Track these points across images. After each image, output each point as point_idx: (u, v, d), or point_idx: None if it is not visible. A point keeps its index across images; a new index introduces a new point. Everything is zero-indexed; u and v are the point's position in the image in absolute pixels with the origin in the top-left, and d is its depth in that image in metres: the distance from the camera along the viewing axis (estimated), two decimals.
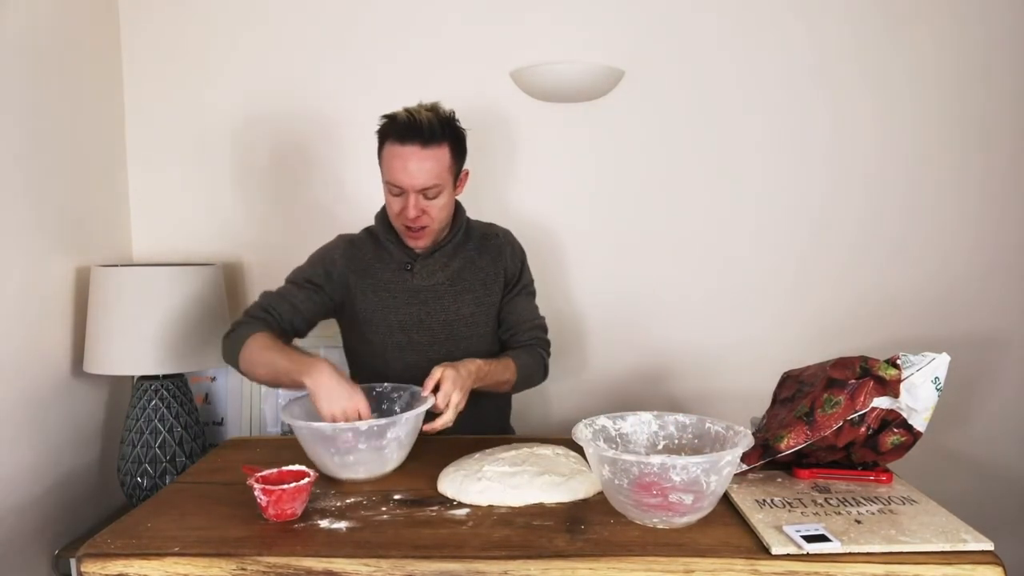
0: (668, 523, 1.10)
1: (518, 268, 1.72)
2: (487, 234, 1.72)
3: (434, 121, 1.51)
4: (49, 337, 1.85)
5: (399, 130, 1.50)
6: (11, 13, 1.72)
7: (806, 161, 2.15)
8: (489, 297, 1.67)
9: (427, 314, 1.63)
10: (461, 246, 1.67)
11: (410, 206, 1.52)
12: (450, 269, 1.65)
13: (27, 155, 1.77)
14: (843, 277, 2.17)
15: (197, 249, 2.23)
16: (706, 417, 1.27)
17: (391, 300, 1.63)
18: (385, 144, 1.54)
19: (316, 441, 1.28)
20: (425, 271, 1.64)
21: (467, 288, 1.65)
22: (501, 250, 1.70)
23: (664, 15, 2.11)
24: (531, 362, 1.65)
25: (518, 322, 1.69)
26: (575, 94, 2.05)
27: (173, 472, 1.89)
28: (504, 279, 1.69)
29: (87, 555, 1.05)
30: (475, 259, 1.67)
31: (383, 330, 1.63)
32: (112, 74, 2.14)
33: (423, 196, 1.52)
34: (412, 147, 1.49)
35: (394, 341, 1.63)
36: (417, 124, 1.49)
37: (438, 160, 1.51)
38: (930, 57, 2.10)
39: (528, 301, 1.74)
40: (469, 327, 1.65)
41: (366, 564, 1.02)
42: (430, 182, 1.51)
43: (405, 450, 1.35)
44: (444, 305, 1.64)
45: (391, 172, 1.52)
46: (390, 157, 1.52)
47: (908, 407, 1.23)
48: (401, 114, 1.52)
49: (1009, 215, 2.14)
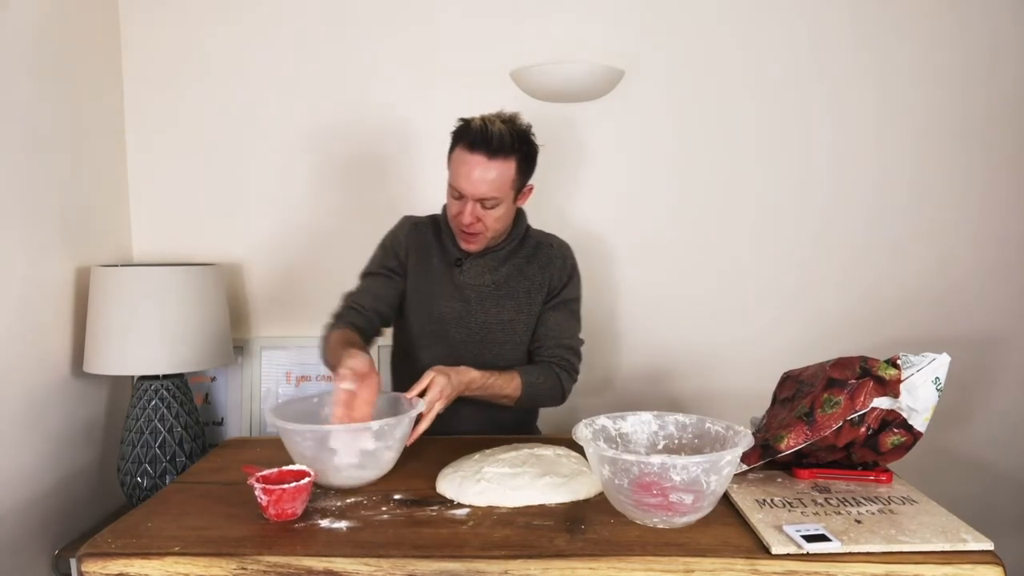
0: (668, 523, 1.10)
1: (563, 281, 1.68)
2: (541, 243, 1.70)
3: (505, 134, 1.50)
4: (49, 337, 1.85)
5: (470, 137, 1.51)
6: (12, 13, 1.72)
7: (807, 161, 2.15)
8: (531, 306, 1.66)
9: (467, 312, 1.64)
10: (513, 253, 1.67)
11: (466, 212, 1.53)
12: (498, 273, 1.65)
13: (27, 155, 1.77)
14: (843, 277, 2.18)
15: (197, 249, 2.23)
16: (706, 417, 1.26)
17: (437, 289, 1.65)
18: (455, 147, 1.55)
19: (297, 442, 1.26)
20: (473, 271, 1.65)
21: (511, 294, 1.65)
22: (551, 260, 1.68)
23: (664, 15, 2.11)
24: (541, 381, 1.61)
25: (545, 335, 1.66)
26: (575, 94, 2.05)
27: (173, 472, 1.89)
28: (547, 289, 1.67)
29: (87, 555, 1.05)
30: (524, 267, 1.67)
31: (422, 316, 1.65)
32: (112, 74, 2.14)
33: (481, 205, 1.53)
34: (478, 156, 1.49)
35: (430, 329, 1.65)
36: (488, 135, 1.49)
37: (502, 173, 1.51)
38: (931, 58, 2.10)
39: (565, 317, 1.68)
40: (506, 332, 1.65)
41: (366, 564, 1.02)
42: (489, 193, 1.52)
43: (395, 453, 1.31)
44: (485, 307, 1.64)
45: (454, 176, 1.54)
46: (457, 162, 1.53)
47: (908, 407, 1.23)
48: (476, 121, 1.52)
49: (1010, 215, 2.14)
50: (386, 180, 2.20)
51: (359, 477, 1.27)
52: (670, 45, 2.12)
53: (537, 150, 1.59)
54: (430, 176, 2.19)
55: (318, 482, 1.24)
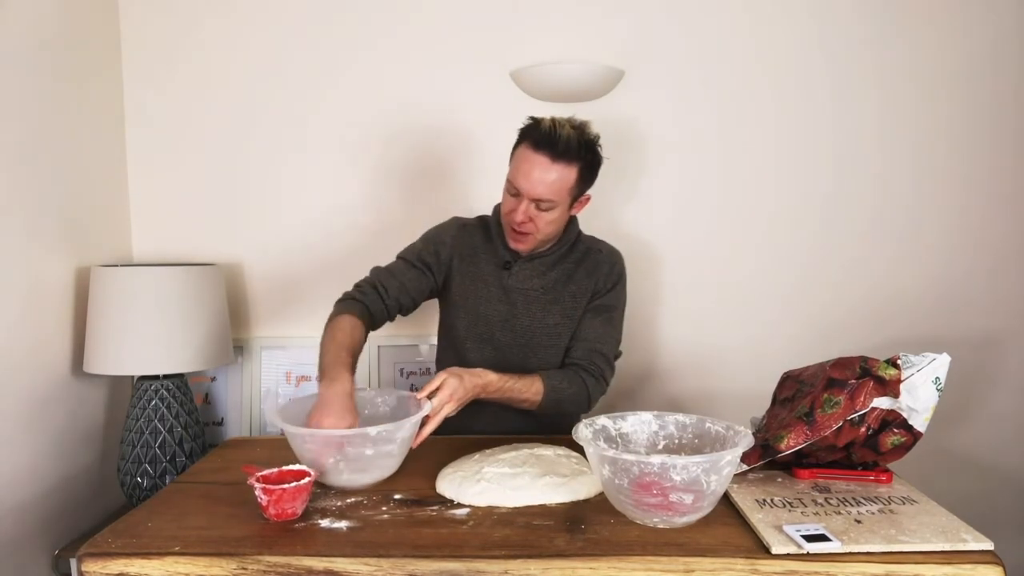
0: (668, 523, 1.10)
1: (607, 287, 1.66)
2: (591, 249, 1.69)
3: (572, 139, 1.50)
4: (49, 337, 1.85)
5: (537, 136, 1.50)
6: (12, 13, 1.72)
7: (807, 161, 2.15)
8: (576, 311, 1.65)
9: (514, 315, 1.64)
10: (563, 259, 1.67)
11: (520, 210, 1.53)
12: (547, 278, 1.65)
13: (27, 155, 1.77)
14: (844, 277, 2.18)
15: (197, 249, 2.23)
16: (706, 417, 1.27)
17: (484, 292, 1.65)
18: (520, 144, 1.54)
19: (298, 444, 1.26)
20: (522, 274, 1.65)
21: (557, 300, 1.64)
22: (598, 265, 1.66)
23: (665, 15, 2.11)
24: (565, 386, 1.57)
25: (579, 338, 1.64)
26: (575, 94, 2.05)
27: (173, 472, 1.89)
28: (591, 294, 1.65)
29: (87, 555, 1.05)
30: (572, 273, 1.66)
31: (470, 319, 1.65)
32: (112, 74, 2.14)
33: (536, 205, 1.52)
34: (542, 156, 1.49)
35: (477, 332, 1.65)
36: (554, 137, 1.49)
37: (562, 177, 1.51)
38: (933, 59, 2.10)
39: (601, 323, 1.65)
40: (550, 337, 1.64)
41: (366, 564, 1.02)
42: (546, 195, 1.51)
43: (396, 459, 1.30)
44: (532, 311, 1.64)
45: (515, 173, 1.53)
46: (519, 159, 1.53)
47: (908, 407, 1.23)
48: (546, 122, 1.52)
49: (1010, 215, 2.14)
50: (386, 180, 2.20)
51: (361, 480, 1.27)
52: (670, 45, 2.12)
53: (601, 161, 1.58)
54: (430, 176, 2.20)
55: (320, 483, 1.24)
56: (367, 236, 2.19)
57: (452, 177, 2.19)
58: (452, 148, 2.18)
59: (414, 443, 1.34)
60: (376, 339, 2.19)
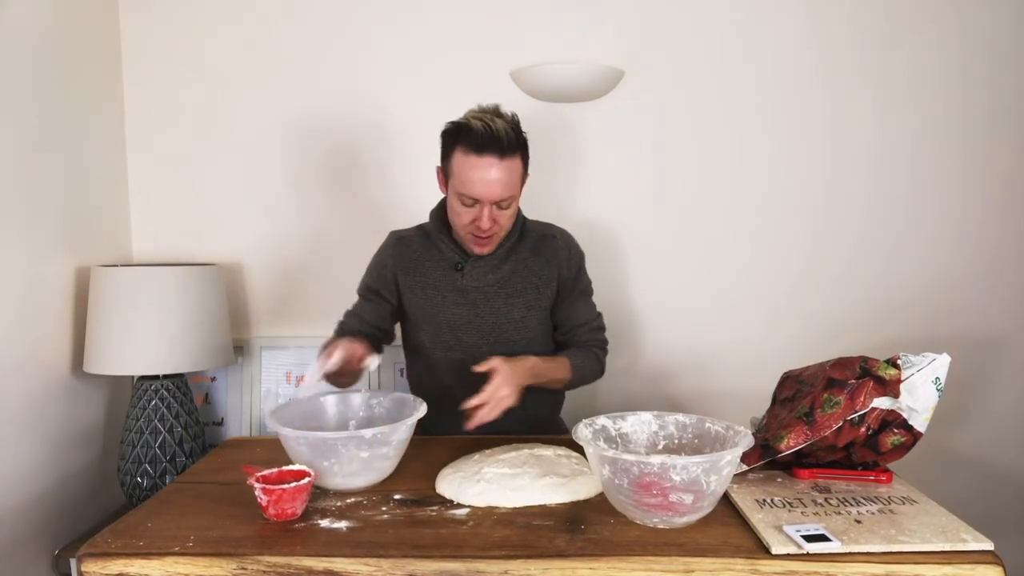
0: (668, 523, 1.10)
1: (574, 271, 1.66)
2: (544, 235, 1.66)
3: (509, 131, 1.45)
4: (49, 337, 1.85)
5: (476, 141, 1.43)
6: (11, 13, 1.72)
7: (807, 161, 2.15)
8: (541, 301, 1.63)
9: (476, 315, 1.61)
10: (514, 248, 1.63)
11: (484, 217, 1.47)
12: (501, 271, 1.62)
13: (27, 155, 1.77)
14: (844, 277, 2.18)
15: (197, 249, 2.23)
16: (706, 417, 1.26)
17: (439, 299, 1.62)
18: (455, 152, 1.47)
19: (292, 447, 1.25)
20: (476, 272, 1.61)
21: (518, 291, 1.62)
22: (556, 252, 1.64)
23: (664, 15, 2.11)
24: (586, 363, 1.64)
25: (576, 326, 1.67)
26: (575, 94, 2.05)
27: (173, 472, 1.89)
28: (558, 283, 1.64)
29: (87, 555, 1.05)
30: (528, 261, 1.63)
31: (431, 329, 1.63)
32: (112, 74, 2.14)
33: (496, 207, 1.48)
34: (489, 158, 1.43)
35: (442, 340, 1.63)
36: (495, 136, 1.43)
37: (512, 171, 1.47)
38: (932, 57, 2.10)
39: (586, 302, 1.70)
40: (519, 330, 1.62)
41: (366, 564, 1.02)
42: (506, 194, 1.47)
43: (392, 462, 1.29)
44: (494, 307, 1.61)
45: (466, 185, 1.45)
46: (465, 168, 1.45)
47: (908, 407, 1.23)
48: (476, 124, 1.44)
49: (1010, 215, 2.14)
50: (386, 180, 2.20)
51: (357, 482, 1.26)
52: (670, 45, 2.12)
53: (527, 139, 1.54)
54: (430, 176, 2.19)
55: (317, 484, 1.24)
56: (367, 236, 2.19)
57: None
58: None
59: (469, 425, 1.34)
60: None
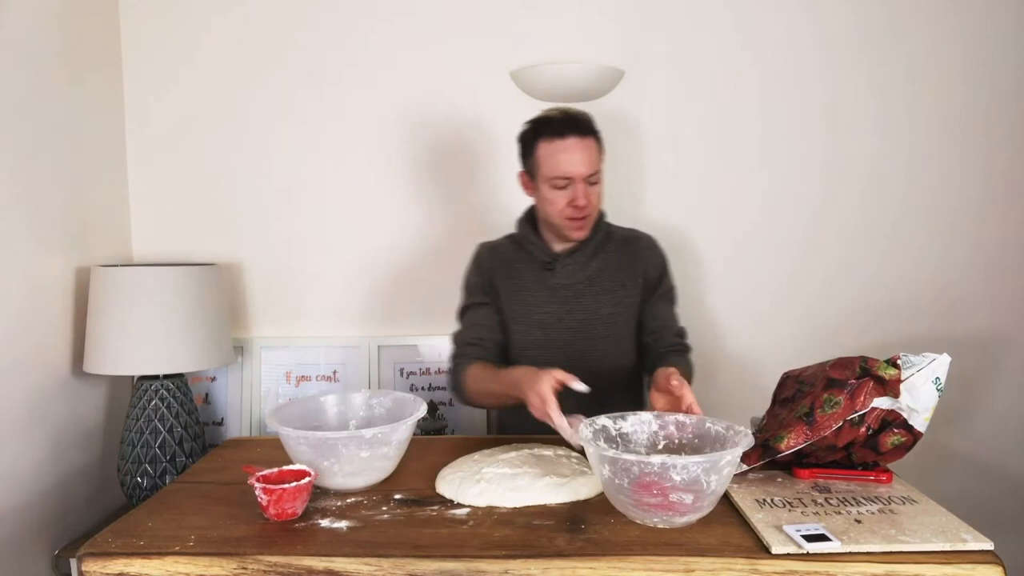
0: (668, 523, 1.10)
1: (659, 272, 1.72)
2: (629, 237, 1.75)
3: (583, 115, 1.59)
4: (49, 337, 1.85)
5: (557, 126, 1.57)
6: (12, 13, 1.72)
7: (807, 160, 2.15)
8: (628, 298, 1.69)
9: (566, 312, 1.66)
10: (602, 247, 1.71)
11: (579, 194, 1.56)
12: (590, 268, 1.68)
13: (27, 155, 1.77)
14: (843, 277, 2.18)
15: (197, 249, 2.23)
16: (706, 417, 1.27)
17: (531, 299, 1.67)
18: (539, 145, 1.59)
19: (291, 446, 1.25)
20: (566, 270, 1.67)
21: (606, 288, 1.68)
22: (642, 253, 1.72)
23: (664, 14, 2.12)
24: (687, 370, 1.66)
25: (661, 327, 1.70)
26: (575, 94, 2.04)
27: (173, 472, 1.89)
28: (644, 281, 1.70)
29: (87, 555, 1.05)
30: (616, 260, 1.70)
31: (524, 328, 1.68)
32: (112, 74, 2.14)
33: (587, 182, 1.58)
34: (572, 139, 1.56)
35: (533, 339, 1.67)
36: (573, 118, 1.58)
37: (593, 149, 1.59)
38: (931, 55, 2.10)
39: (668, 305, 1.74)
40: (607, 327, 1.67)
41: (367, 563, 1.02)
42: (594, 167, 1.58)
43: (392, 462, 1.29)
44: (583, 304, 1.66)
45: (556, 166, 1.56)
46: (552, 152, 1.57)
47: (908, 407, 1.23)
48: (552, 113, 1.60)
49: (1010, 214, 2.14)
50: (386, 180, 2.20)
51: (357, 481, 1.26)
52: (670, 45, 2.12)
53: None
54: (429, 176, 2.20)
55: (317, 484, 1.24)
56: (366, 236, 2.20)
57: (451, 177, 2.19)
58: (451, 148, 2.18)
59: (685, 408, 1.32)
60: (376, 339, 2.19)
